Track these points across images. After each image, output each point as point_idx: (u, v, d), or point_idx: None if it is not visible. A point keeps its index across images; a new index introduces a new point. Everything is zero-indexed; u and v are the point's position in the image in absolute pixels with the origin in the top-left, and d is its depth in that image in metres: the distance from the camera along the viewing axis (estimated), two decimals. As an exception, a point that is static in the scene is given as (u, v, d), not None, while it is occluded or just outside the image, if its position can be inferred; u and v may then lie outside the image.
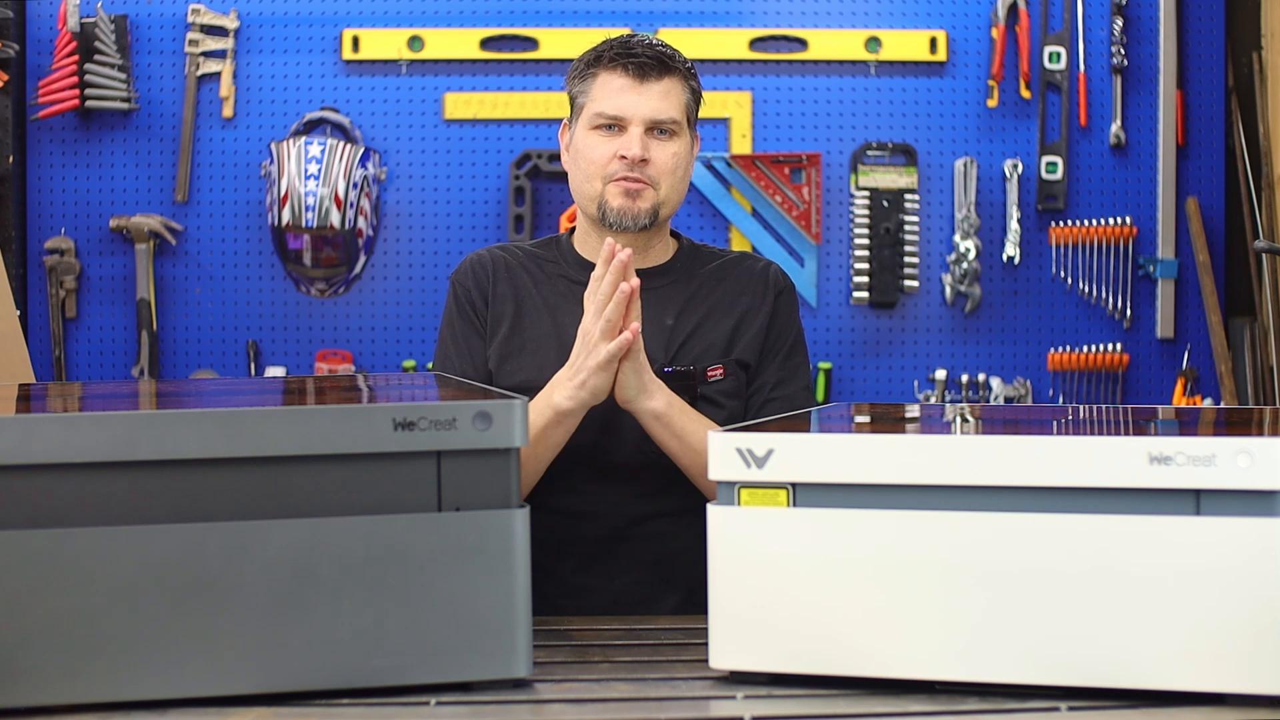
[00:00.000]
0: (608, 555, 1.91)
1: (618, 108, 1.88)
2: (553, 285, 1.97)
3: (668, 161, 1.90)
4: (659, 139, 1.90)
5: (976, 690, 1.25)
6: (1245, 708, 1.20)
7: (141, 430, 1.22)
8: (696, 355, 1.92)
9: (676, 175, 1.92)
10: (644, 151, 1.87)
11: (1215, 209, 3.68)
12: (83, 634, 1.21)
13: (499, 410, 1.27)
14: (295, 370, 3.66)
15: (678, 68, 1.92)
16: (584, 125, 1.92)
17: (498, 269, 1.98)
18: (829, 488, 1.28)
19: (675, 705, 1.25)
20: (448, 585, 1.26)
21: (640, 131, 1.88)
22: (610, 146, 1.89)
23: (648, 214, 1.90)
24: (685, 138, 1.93)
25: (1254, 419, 1.55)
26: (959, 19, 3.68)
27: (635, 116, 1.88)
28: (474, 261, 2.00)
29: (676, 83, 1.91)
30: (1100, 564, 1.21)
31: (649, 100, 1.88)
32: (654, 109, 1.88)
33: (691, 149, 1.96)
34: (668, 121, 1.89)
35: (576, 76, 1.95)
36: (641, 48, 1.91)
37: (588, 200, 1.93)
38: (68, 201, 3.64)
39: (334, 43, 3.65)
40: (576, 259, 1.99)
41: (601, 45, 1.94)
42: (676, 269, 1.99)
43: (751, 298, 1.98)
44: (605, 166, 1.89)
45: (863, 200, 3.62)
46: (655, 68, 1.89)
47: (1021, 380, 3.66)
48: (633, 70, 1.89)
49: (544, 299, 1.95)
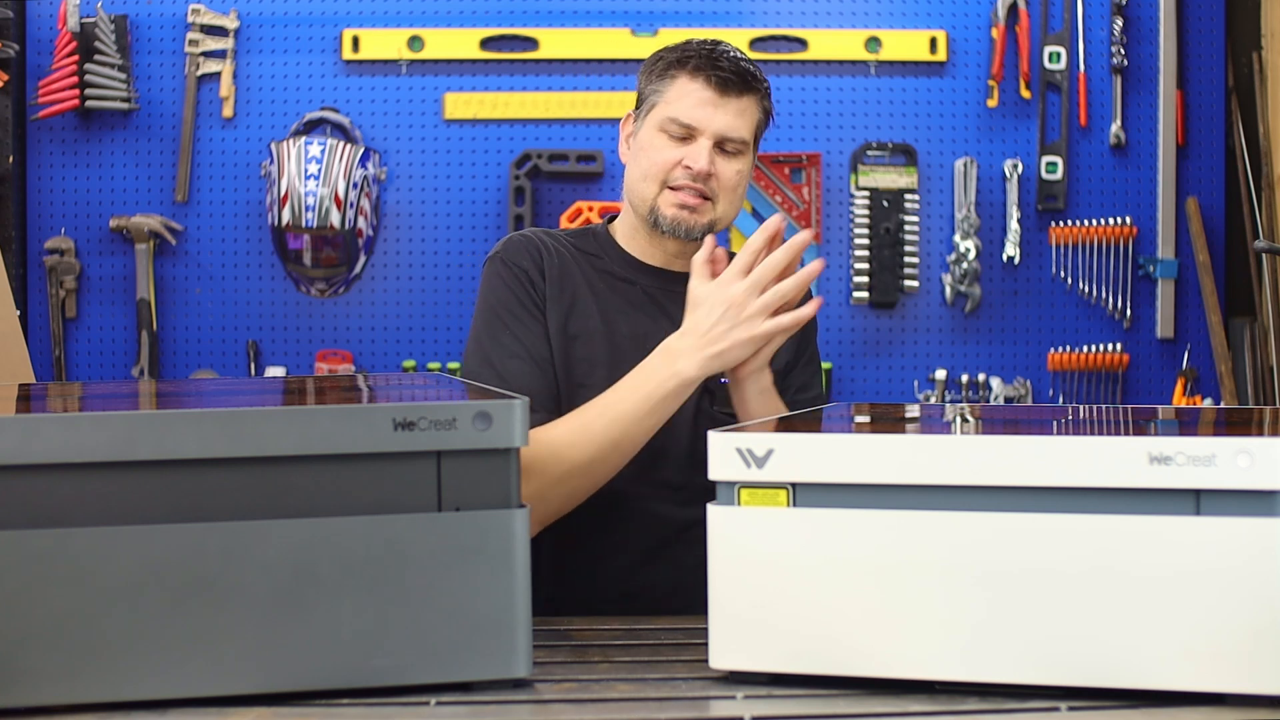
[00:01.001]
0: (658, 558, 1.88)
1: (693, 118, 1.84)
2: (602, 281, 1.92)
3: (731, 179, 1.86)
4: (724, 155, 1.86)
5: (976, 690, 1.25)
6: (1245, 708, 1.19)
7: (141, 430, 1.22)
8: None
9: (737, 194, 1.89)
10: (710, 166, 1.83)
11: (1215, 209, 3.68)
12: (83, 634, 1.21)
13: (499, 410, 1.27)
14: (295, 370, 3.66)
15: (758, 87, 1.88)
16: (652, 125, 1.87)
17: (547, 251, 1.90)
18: (829, 488, 1.28)
19: (675, 705, 1.25)
20: (448, 585, 1.26)
21: (709, 145, 1.84)
22: (676, 153, 1.84)
23: (703, 228, 1.86)
24: (750, 157, 1.90)
25: (1254, 419, 1.55)
26: (959, 19, 3.68)
27: (708, 130, 1.84)
28: (524, 240, 1.91)
29: (753, 102, 1.88)
30: (1100, 564, 1.21)
31: (725, 116, 1.84)
32: (728, 125, 1.84)
33: (752, 166, 1.93)
34: (738, 141, 1.86)
35: (655, 74, 1.89)
36: (726, 60, 1.86)
37: (640, 200, 1.88)
38: (68, 201, 3.64)
39: (334, 43, 3.65)
40: (623, 256, 1.94)
41: (687, 47, 1.88)
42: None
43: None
44: (667, 172, 1.85)
45: (863, 200, 3.62)
46: (737, 84, 1.85)
47: (1021, 380, 3.66)
48: (715, 83, 1.84)
49: (594, 294, 1.90)
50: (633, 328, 1.89)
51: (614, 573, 1.89)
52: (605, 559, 1.89)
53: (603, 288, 1.91)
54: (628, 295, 1.91)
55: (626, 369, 1.75)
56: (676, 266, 1.93)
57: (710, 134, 1.84)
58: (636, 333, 1.88)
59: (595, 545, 1.89)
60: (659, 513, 1.88)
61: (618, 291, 1.91)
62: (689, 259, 1.83)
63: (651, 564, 1.89)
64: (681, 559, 1.86)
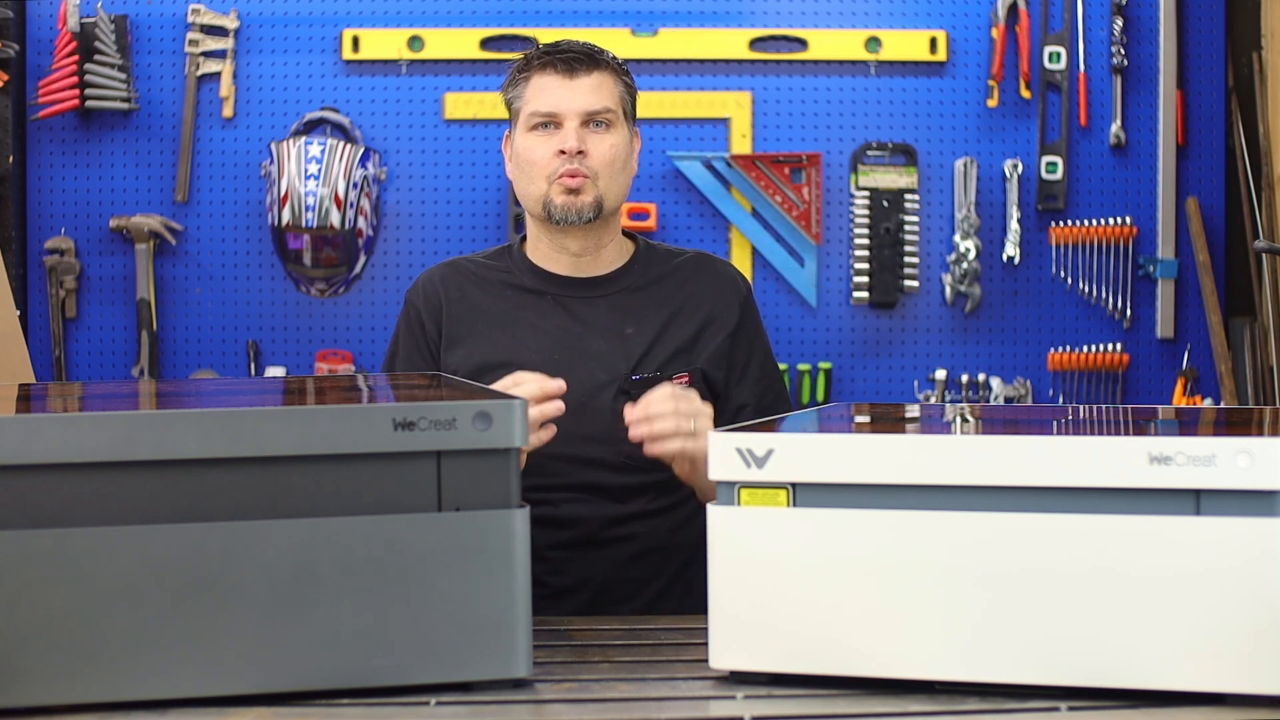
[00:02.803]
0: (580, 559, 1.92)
1: (551, 103, 1.91)
2: (515, 295, 1.98)
3: (606, 153, 1.92)
4: (595, 131, 1.92)
5: (976, 690, 1.25)
6: (1245, 708, 1.20)
7: (141, 430, 1.22)
8: (661, 363, 1.93)
9: (615, 166, 1.93)
10: (580, 144, 1.90)
11: (1215, 209, 3.68)
12: (83, 634, 1.21)
13: (499, 410, 1.27)
14: (295, 370, 3.66)
15: (607, 62, 1.96)
16: (522, 128, 1.95)
17: (449, 289, 1.99)
18: (829, 488, 1.28)
19: (675, 705, 1.25)
20: (448, 585, 1.26)
21: (576, 125, 1.91)
22: (549, 145, 1.91)
23: (591, 207, 1.91)
24: (623, 130, 1.95)
25: (1254, 419, 1.55)
26: (959, 19, 3.68)
27: (569, 110, 1.91)
28: (425, 281, 2.02)
29: (607, 76, 1.94)
30: (1100, 564, 1.21)
31: (581, 93, 1.92)
32: (586, 101, 1.91)
33: (631, 142, 1.98)
34: (602, 111, 1.92)
35: (510, 84, 1.98)
36: (567, 45, 1.95)
37: (533, 201, 1.94)
38: (68, 201, 3.64)
39: (334, 43, 3.65)
40: (531, 268, 2.00)
41: (530, 51, 1.98)
42: (634, 272, 2.00)
43: (714, 304, 1.99)
44: (547, 165, 1.91)
45: (863, 200, 3.62)
46: (584, 62, 1.93)
47: (1021, 380, 3.66)
48: (562, 67, 1.92)
49: (506, 315, 1.96)
50: (540, 341, 1.94)
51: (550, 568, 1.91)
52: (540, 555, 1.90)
53: (515, 302, 1.97)
54: (538, 307, 1.97)
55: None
56: (583, 271, 1.98)
57: (573, 114, 1.91)
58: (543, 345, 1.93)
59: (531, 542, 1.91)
60: (588, 514, 1.91)
61: (527, 306, 1.97)
62: (592, 258, 1.96)
63: (584, 560, 1.92)
64: (612, 556, 1.91)
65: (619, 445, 1.84)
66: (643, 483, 1.91)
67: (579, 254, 1.97)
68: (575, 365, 1.90)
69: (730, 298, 2.00)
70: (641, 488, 1.91)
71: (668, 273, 2.00)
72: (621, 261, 2.00)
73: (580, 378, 1.88)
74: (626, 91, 1.97)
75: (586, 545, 1.92)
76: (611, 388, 1.91)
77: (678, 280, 2.00)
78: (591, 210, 1.91)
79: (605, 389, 1.91)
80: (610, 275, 1.99)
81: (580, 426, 1.85)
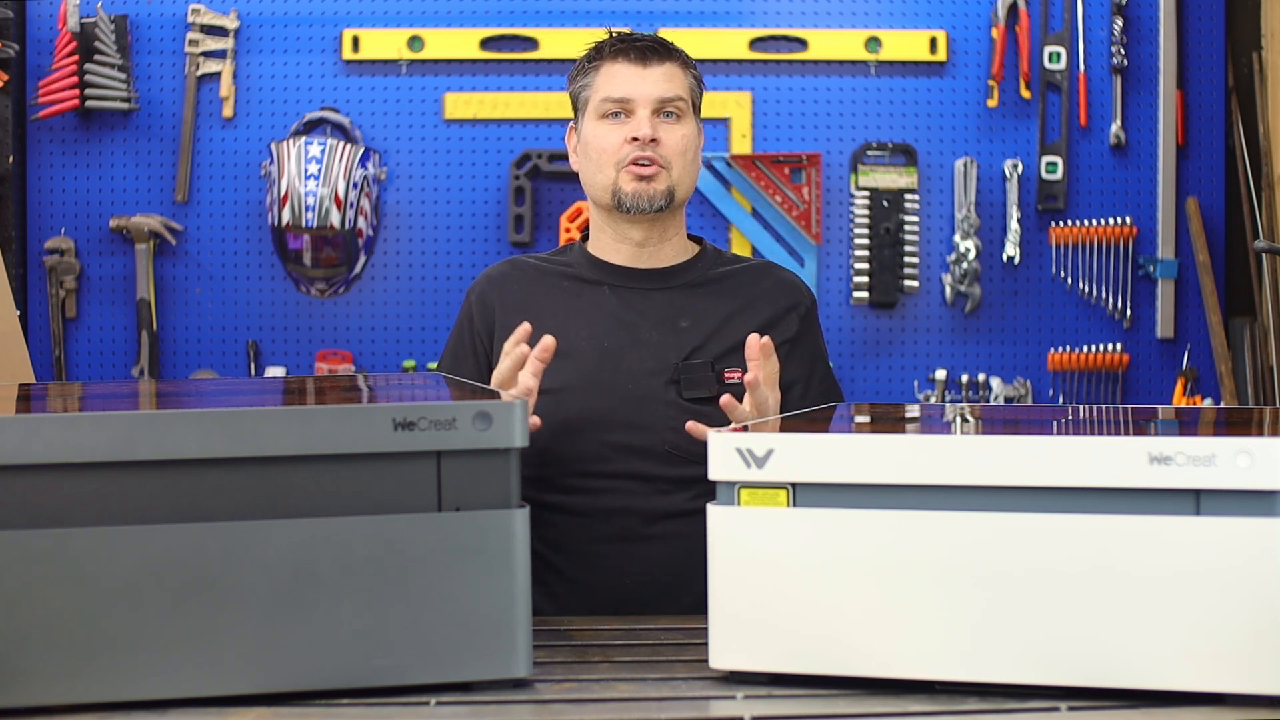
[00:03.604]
0: (618, 554, 1.89)
1: (624, 90, 1.90)
2: (572, 287, 1.97)
3: (678, 143, 1.92)
4: (667, 121, 1.92)
5: (976, 690, 1.25)
6: (1245, 708, 1.20)
7: (141, 430, 1.22)
8: (714, 358, 1.90)
9: (687, 157, 1.93)
10: (654, 132, 1.89)
11: (1215, 209, 3.68)
12: (83, 634, 1.21)
13: (499, 410, 1.27)
14: (295, 370, 3.66)
15: (678, 54, 1.95)
16: (591, 117, 1.93)
17: (508, 284, 1.98)
18: (829, 488, 1.28)
19: (675, 705, 1.25)
20: (448, 585, 1.26)
21: (648, 113, 1.90)
22: (620, 132, 1.90)
23: (663, 195, 1.90)
24: (693, 122, 1.95)
25: (1254, 419, 1.55)
26: (959, 19, 3.68)
27: (643, 97, 1.90)
28: (485, 278, 2.02)
29: (678, 67, 1.94)
30: (1100, 564, 1.21)
31: (654, 82, 1.91)
32: (660, 89, 1.91)
33: (699, 136, 1.97)
34: (674, 100, 1.91)
35: (579, 73, 1.97)
36: (639, 36, 1.95)
37: (601, 190, 1.93)
38: (68, 201, 3.64)
39: (334, 43, 3.65)
40: (588, 258, 1.99)
41: (600, 41, 1.97)
42: (695, 269, 1.98)
43: (775, 310, 1.97)
44: (616, 153, 1.90)
45: (863, 200, 3.62)
46: (657, 52, 1.93)
47: (1021, 380, 3.66)
48: (635, 56, 1.92)
49: (563, 307, 1.94)
50: (591, 329, 1.93)
51: (585, 563, 1.89)
52: (578, 550, 1.90)
53: (570, 292, 1.96)
54: (593, 296, 1.95)
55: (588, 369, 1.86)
56: (642, 263, 1.97)
57: (646, 101, 1.90)
58: (595, 333, 1.92)
59: (568, 536, 1.90)
60: (630, 506, 1.88)
61: (582, 295, 1.95)
62: (654, 250, 1.95)
63: (623, 556, 1.89)
64: (650, 553, 1.88)
65: (665, 434, 1.84)
66: (687, 475, 1.85)
67: (642, 244, 1.96)
68: (625, 353, 1.89)
69: (792, 307, 1.99)
70: (686, 481, 1.86)
71: (730, 274, 1.99)
72: (683, 258, 1.99)
73: (629, 366, 1.88)
74: (696, 85, 1.97)
75: (626, 540, 1.88)
76: (661, 376, 1.88)
77: (740, 281, 1.98)
78: (664, 198, 1.91)
79: (654, 377, 1.89)
80: (670, 269, 1.97)
81: (627, 414, 1.85)
